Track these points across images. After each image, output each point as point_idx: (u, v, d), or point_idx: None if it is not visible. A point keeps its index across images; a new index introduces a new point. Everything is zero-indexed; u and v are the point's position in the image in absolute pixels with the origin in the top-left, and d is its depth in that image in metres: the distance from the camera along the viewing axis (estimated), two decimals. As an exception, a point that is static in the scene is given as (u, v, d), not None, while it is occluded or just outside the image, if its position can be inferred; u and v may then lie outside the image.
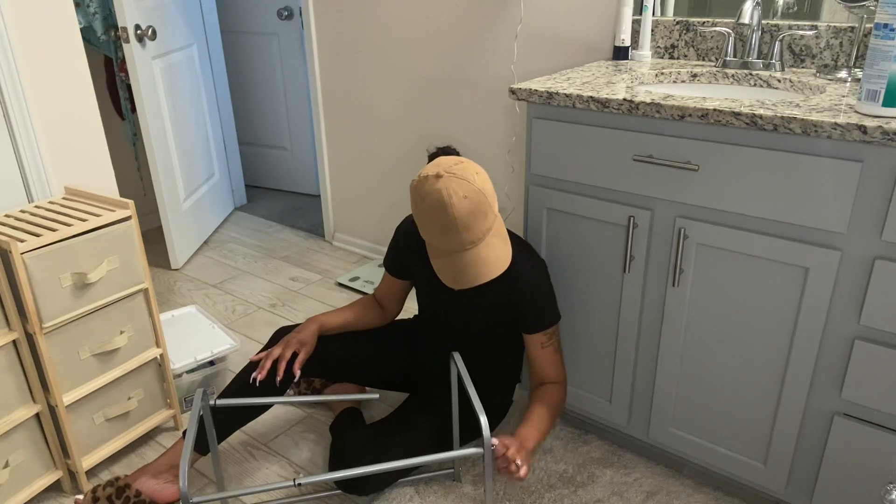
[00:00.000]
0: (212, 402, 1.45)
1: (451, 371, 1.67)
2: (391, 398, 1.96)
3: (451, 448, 1.66)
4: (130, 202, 1.59)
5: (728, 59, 1.68)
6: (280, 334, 1.67)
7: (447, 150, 1.48)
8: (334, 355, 1.64)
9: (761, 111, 1.22)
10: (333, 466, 1.53)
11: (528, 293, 1.50)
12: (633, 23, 1.86)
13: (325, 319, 1.63)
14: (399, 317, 2.28)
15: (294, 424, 1.87)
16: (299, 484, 1.24)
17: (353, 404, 1.82)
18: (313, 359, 1.61)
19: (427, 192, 1.31)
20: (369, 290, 2.59)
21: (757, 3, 1.61)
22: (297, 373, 1.52)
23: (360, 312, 1.70)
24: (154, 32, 2.54)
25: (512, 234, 1.55)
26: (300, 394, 1.89)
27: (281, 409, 1.93)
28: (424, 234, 1.37)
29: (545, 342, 1.56)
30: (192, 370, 1.90)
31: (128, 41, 2.43)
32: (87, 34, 2.64)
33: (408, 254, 1.64)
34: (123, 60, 2.72)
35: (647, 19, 1.81)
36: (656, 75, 1.67)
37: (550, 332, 1.55)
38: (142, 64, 2.52)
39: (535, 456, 1.71)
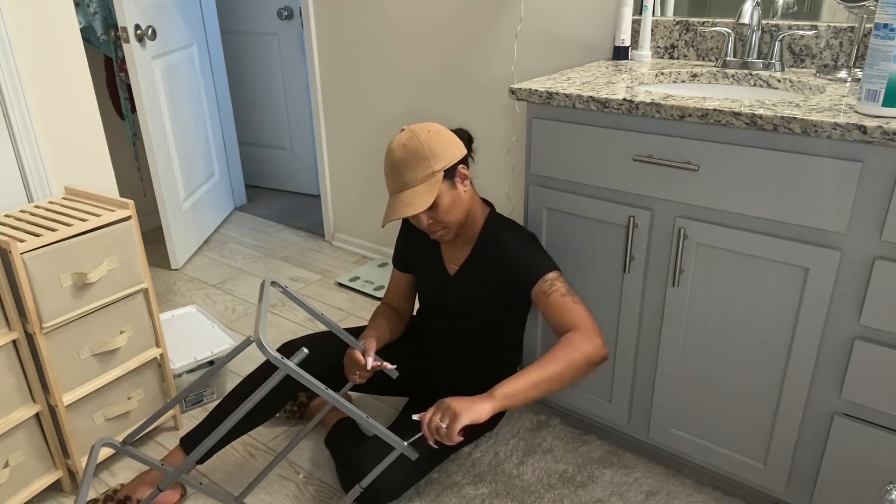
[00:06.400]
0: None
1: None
2: (390, 400, 1.96)
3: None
4: (130, 202, 1.59)
5: (728, 59, 1.68)
6: (288, 348, 1.62)
7: (460, 132, 1.54)
8: (334, 363, 1.61)
9: (761, 111, 1.22)
10: (348, 480, 1.52)
11: (512, 253, 1.49)
12: (633, 23, 1.86)
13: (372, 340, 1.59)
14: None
15: (294, 424, 1.87)
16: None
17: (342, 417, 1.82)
18: (316, 371, 1.59)
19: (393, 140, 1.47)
20: (369, 290, 2.59)
21: (757, 3, 1.61)
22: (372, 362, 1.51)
23: (387, 325, 1.66)
24: (154, 32, 2.54)
25: (502, 217, 1.56)
26: (285, 412, 1.88)
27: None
28: None
29: (547, 290, 1.43)
30: (192, 370, 1.90)
31: (128, 41, 2.43)
32: (87, 34, 2.65)
33: (408, 243, 1.67)
34: (123, 60, 2.72)
35: (647, 19, 1.81)
36: (656, 75, 1.67)
37: (549, 280, 1.44)
38: (142, 64, 2.52)
39: (535, 456, 1.71)
